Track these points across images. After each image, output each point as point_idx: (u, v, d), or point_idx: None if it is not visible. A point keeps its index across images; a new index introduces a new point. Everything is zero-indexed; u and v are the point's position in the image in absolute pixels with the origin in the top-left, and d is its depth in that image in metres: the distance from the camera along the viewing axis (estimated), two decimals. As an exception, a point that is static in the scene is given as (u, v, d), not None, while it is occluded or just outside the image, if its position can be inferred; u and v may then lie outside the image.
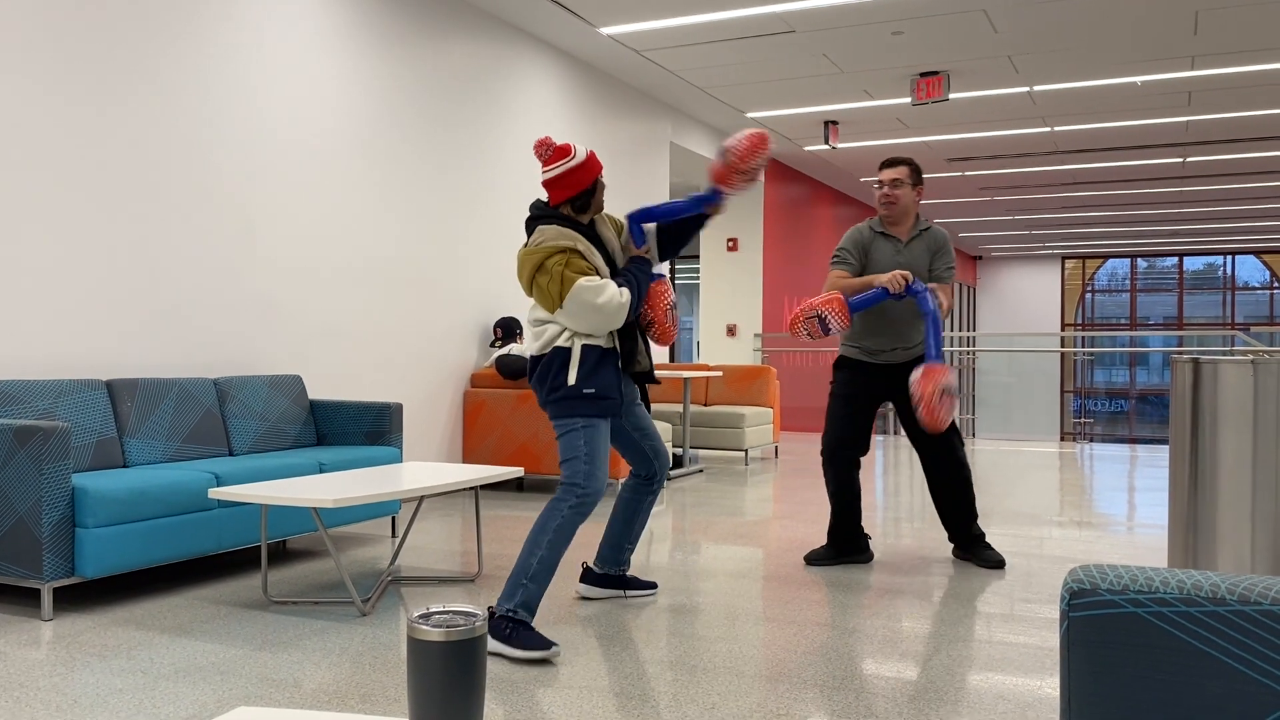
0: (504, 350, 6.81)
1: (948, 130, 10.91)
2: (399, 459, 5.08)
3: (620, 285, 3.37)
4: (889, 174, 4.45)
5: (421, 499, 4.19)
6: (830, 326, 4.24)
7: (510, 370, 6.64)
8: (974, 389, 24.99)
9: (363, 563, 4.53)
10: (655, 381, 3.66)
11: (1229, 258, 24.14)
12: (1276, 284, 23.88)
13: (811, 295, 13.96)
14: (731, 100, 9.61)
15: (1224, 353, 4.06)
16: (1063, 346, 17.75)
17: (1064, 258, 23.99)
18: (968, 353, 23.81)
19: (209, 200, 5.04)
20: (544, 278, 3.30)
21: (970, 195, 15.54)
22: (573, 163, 3.40)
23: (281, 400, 5.05)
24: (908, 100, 9.44)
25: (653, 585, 3.99)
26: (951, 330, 23.21)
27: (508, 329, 6.99)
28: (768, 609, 3.78)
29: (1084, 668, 1.20)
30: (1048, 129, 10.75)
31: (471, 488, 4.48)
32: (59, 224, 4.38)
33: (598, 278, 3.33)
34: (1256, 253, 23.53)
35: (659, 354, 9.61)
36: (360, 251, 5.98)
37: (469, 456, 6.77)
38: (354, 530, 5.36)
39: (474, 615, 1.06)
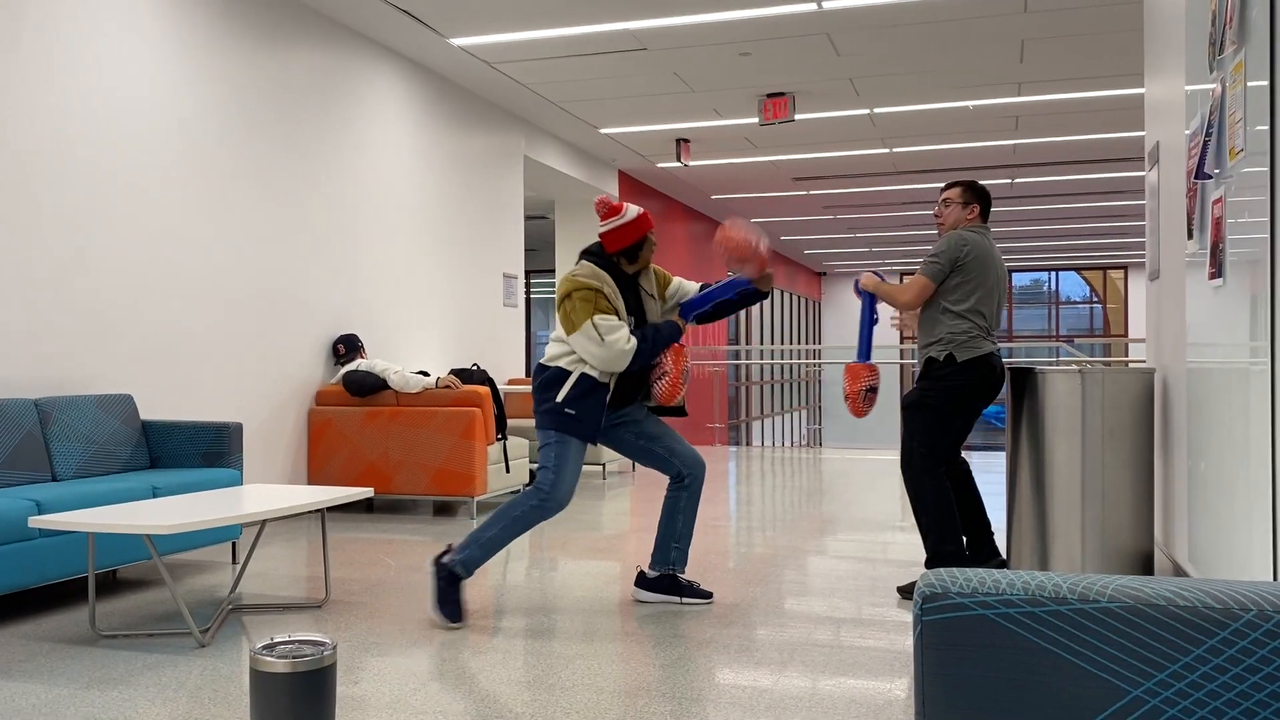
0: (351, 366, 6.60)
1: (794, 150, 11.23)
2: (239, 481, 4.86)
3: (634, 334, 3.78)
4: (943, 194, 4.36)
5: (264, 523, 4.02)
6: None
7: (358, 387, 6.44)
8: (820, 400, 25.74)
9: (201, 591, 4.31)
10: (683, 414, 4.05)
11: (1053, 273, 25.63)
12: (1096, 298, 25.48)
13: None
14: (584, 115, 9.64)
15: (1051, 363, 4.29)
16: (901, 359, 18.49)
17: (902, 274, 24.99)
18: (813, 365, 24.52)
19: (30, 207, 4.72)
20: (569, 304, 3.77)
21: (815, 213, 16.03)
22: (619, 222, 3.87)
23: (111, 421, 4.77)
24: (756, 120, 9.66)
25: (708, 595, 4.08)
26: (798, 343, 23.88)
27: (351, 345, 6.78)
28: (625, 624, 3.77)
29: (936, 670, 1.23)
30: (887, 150, 11.19)
31: (318, 510, 4.33)
32: None
33: (615, 319, 3.75)
34: (1078, 269, 25.08)
35: (517, 370, 9.53)
36: (197, 263, 5.71)
37: (314, 477, 6.54)
38: (191, 557, 5.09)
39: (322, 644, 1.01)
